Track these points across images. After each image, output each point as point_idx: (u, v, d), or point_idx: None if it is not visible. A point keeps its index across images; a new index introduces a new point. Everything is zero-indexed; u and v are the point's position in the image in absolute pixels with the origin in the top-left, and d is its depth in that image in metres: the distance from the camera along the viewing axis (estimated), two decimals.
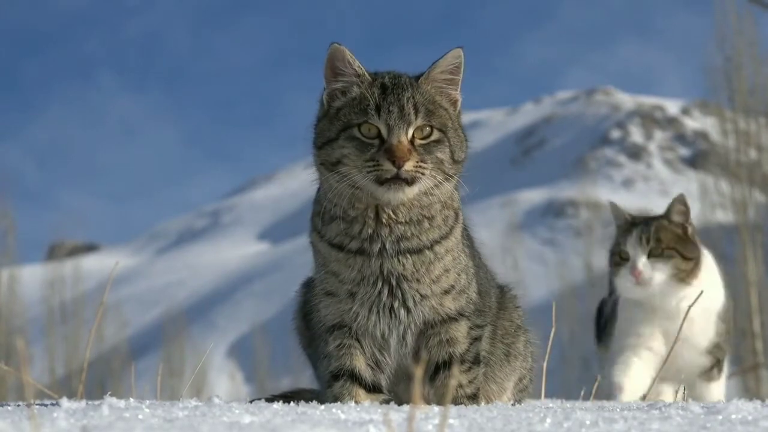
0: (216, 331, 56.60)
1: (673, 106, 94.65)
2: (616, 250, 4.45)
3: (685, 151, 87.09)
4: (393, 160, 2.73)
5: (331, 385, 2.92)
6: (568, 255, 45.33)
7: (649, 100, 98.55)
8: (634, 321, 4.43)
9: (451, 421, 2.23)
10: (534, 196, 72.31)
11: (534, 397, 3.63)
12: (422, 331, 2.94)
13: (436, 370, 2.95)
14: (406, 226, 2.85)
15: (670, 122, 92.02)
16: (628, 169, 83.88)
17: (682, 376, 4.38)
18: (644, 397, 4.11)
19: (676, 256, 4.36)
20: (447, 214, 2.92)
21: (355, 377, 2.91)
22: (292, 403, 2.69)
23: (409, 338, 2.93)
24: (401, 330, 2.92)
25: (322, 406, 2.62)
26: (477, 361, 3.01)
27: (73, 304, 31.04)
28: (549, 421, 2.28)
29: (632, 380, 4.33)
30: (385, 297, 2.88)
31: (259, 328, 40.45)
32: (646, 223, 4.43)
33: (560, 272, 35.92)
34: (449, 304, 2.93)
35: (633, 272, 4.33)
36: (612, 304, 4.66)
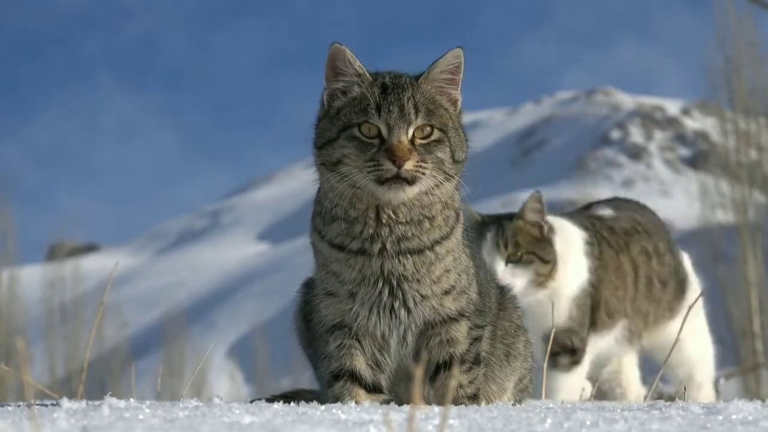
0: (216, 332, 56.64)
1: (673, 107, 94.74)
2: None
3: (685, 152, 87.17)
4: (393, 160, 2.72)
5: (332, 385, 2.91)
6: None
7: (649, 101, 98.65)
8: None
9: (451, 422, 2.23)
10: None
11: (534, 397, 3.63)
12: (422, 332, 2.93)
13: (437, 371, 2.94)
14: (407, 226, 2.85)
15: (670, 122, 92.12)
16: (628, 169, 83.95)
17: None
18: None
19: (536, 261, 4.20)
20: (448, 214, 2.91)
21: (355, 377, 2.91)
22: (293, 404, 2.69)
23: (410, 338, 2.93)
24: (401, 330, 2.91)
25: (323, 407, 2.62)
26: (477, 361, 3.00)
27: (73, 305, 31.02)
28: (549, 421, 2.28)
29: None
30: (386, 297, 2.87)
31: (259, 329, 40.44)
32: (500, 225, 4.23)
33: None
34: (450, 305, 2.92)
35: None
36: None
